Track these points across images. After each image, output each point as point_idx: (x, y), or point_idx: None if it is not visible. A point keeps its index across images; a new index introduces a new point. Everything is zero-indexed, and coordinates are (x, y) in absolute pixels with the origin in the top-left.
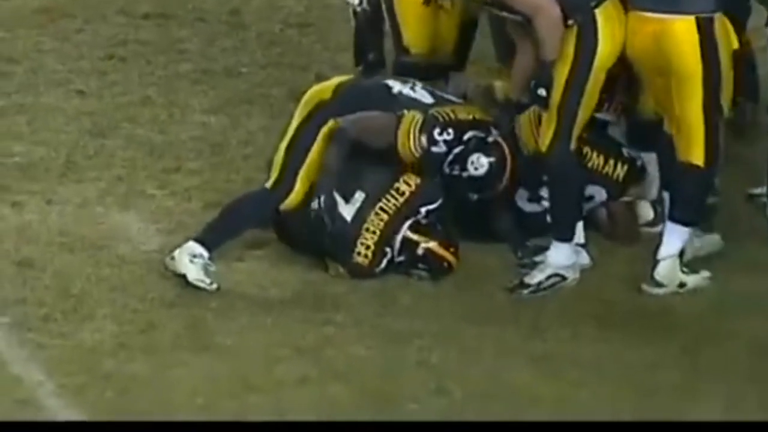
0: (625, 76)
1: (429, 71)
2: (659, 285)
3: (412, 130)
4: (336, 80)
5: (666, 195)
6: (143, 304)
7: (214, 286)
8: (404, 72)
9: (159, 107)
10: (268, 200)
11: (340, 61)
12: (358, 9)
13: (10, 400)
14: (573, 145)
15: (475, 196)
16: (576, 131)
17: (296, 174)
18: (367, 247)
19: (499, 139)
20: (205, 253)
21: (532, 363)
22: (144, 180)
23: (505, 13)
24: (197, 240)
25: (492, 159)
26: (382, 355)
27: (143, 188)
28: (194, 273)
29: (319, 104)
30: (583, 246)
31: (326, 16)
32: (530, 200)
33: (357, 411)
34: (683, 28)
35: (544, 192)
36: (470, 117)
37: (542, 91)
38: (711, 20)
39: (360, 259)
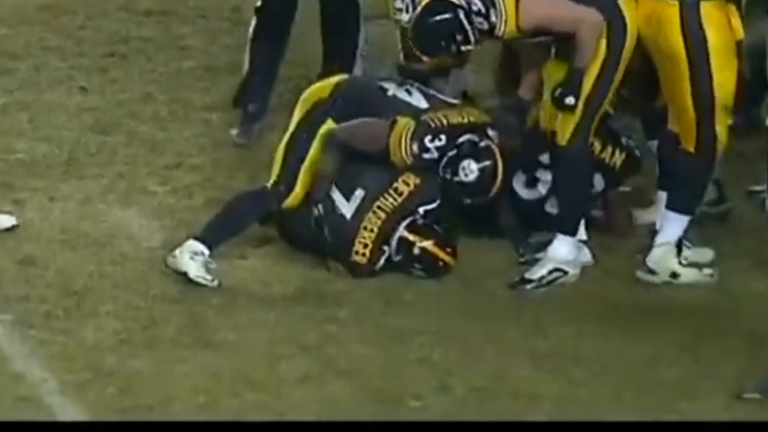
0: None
1: (431, 74)
2: (651, 272)
3: (403, 138)
4: (334, 79)
5: (661, 193)
6: (145, 301)
7: (215, 282)
8: (409, 76)
9: (160, 104)
10: (268, 199)
11: None
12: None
13: (12, 397)
14: (590, 139)
15: (467, 201)
16: (595, 124)
17: (297, 173)
18: (365, 246)
19: (492, 144)
20: (206, 251)
21: (533, 360)
22: (146, 177)
23: (539, 38)
24: (198, 238)
25: (483, 165)
26: (384, 353)
27: (145, 185)
28: (195, 270)
29: (317, 103)
30: (585, 243)
31: None
32: (528, 185)
33: (359, 408)
34: (668, 12)
35: (540, 174)
36: (464, 120)
37: (571, 99)
38: (696, 5)
39: (358, 258)
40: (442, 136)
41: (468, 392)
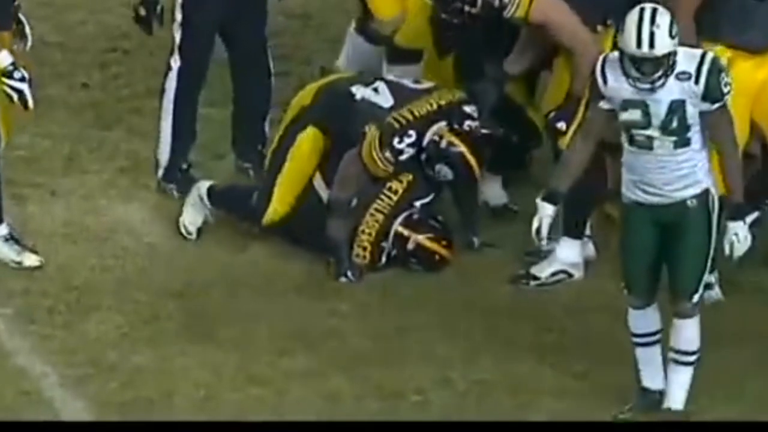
0: None
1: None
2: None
3: (373, 152)
4: (316, 84)
5: None
6: (147, 295)
7: (192, 237)
8: (375, 38)
9: None
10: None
11: None
12: None
13: (14, 391)
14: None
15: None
16: None
17: (271, 188)
18: (364, 248)
19: (454, 139)
20: (209, 205)
21: (535, 354)
22: (146, 172)
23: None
24: (210, 189)
25: (453, 164)
26: (386, 347)
27: (146, 180)
28: (186, 218)
29: (302, 109)
30: (589, 237)
31: (326, 7)
32: None
33: (360, 403)
34: None
35: None
36: (434, 107)
37: (562, 125)
38: None
39: (359, 260)
40: (411, 132)
41: (469, 386)
